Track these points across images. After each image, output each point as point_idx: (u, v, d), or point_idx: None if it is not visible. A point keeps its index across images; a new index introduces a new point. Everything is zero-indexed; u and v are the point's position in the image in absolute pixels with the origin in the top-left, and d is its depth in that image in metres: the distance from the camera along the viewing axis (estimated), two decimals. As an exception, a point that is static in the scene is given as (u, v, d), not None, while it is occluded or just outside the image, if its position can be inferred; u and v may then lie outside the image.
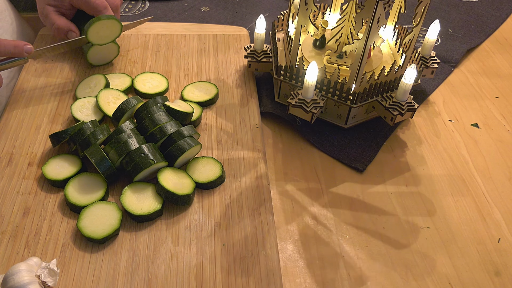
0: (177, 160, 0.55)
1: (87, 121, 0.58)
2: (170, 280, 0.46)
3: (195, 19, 0.88)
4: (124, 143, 0.54)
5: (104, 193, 0.52)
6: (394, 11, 0.69)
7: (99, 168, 0.53)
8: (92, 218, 0.49)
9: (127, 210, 0.50)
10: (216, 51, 0.76)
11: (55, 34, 0.69)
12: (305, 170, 0.62)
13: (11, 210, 0.51)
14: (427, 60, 0.70)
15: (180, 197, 0.51)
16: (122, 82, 0.68)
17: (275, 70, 0.66)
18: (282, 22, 0.75)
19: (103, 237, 0.48)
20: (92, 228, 0.49)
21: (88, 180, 0.54)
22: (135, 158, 0.53)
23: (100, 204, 0.51)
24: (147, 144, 0.54)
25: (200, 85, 0.69)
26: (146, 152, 0.53)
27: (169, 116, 0.58)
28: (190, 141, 0.55)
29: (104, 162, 0.53)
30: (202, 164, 0.57)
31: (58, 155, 0.56)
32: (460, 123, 0.70)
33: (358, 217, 0.56)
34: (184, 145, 0.55)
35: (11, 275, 0.41)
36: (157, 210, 0.51)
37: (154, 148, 0.54)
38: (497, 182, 0.62)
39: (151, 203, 0.51)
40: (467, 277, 0.51)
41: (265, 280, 0.47)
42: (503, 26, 0.92)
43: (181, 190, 0.52)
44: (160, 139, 0.56)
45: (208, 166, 0.56)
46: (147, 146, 0.54)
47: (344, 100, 0.62)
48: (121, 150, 0.53)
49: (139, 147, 0.53)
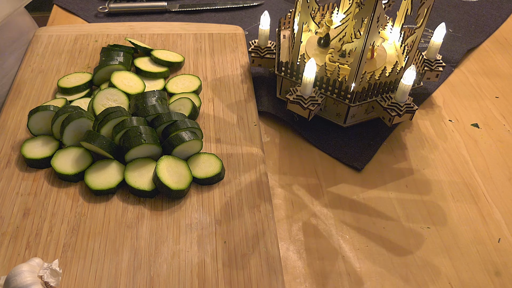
0: (174, 149, 0.55)
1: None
2: (173, 278, 0.46)
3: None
4: (123, 122, 0.55)
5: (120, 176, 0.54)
6: (401, 12, 0.69)
7: (104, 149, 0.54)
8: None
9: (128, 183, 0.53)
10: (212, 50, 0.76)
11: None
12: (304, 169, 0.62)
13: (11, 211, 0.51)
14: (431, 63, 0.70)
15: (173, 192, 0.52)
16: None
17: (277, 66, 0.67)
18: (289, 20, 0.75)
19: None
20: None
21: (101, 166, 0.55)
22: (130, 136, 0.54)
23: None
24: (145, 126, 0.56)
25: (183, 78, 0.70)
26: (142, 131, 0.54)
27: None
28: (191, 134, 0.56)
29: (106, 143, 0.54)
30: (203, 160, 0.57)
31: (34, 138, 0.58)
32: (460, 123, 0.71)
33: (358, 217, 0.56)
34: (184, 136, 0.55)
35: (13, 276, 0.41)
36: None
37: (151, 131, 0.56)
38: (497, 182, 0.62)
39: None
40: (467, 277, 0.51)
41: (266, 276, 0.47)
42: (503, 26, 0.93)
43: (177, 183, 0.52)
44: (161, 124, 0.57)
45: (208, 163, 0.57)
46: (144, 128, 0.55)
47: (343, 98, 0.62)
48: (119, 127, 0.55)
49: (137, 126, 0.55)
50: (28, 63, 0.71)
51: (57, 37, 0.76)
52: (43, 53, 0.74)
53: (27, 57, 0.73)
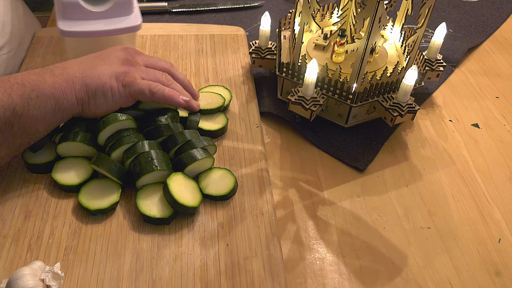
0: (186, 168, 0.53)
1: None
2: (175, 281, 0.46)
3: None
4: (134, 146, 0.53)
5: (118, 196, 0.52)
6: (401, 12, 0.69)
7: (112, 174, 0.52)
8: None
9: (141, 211, 0.50)
10: (214, 52, 0.76)
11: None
12: (305, 170, 0.62)
13: (12, 214, 0.51)
14: (432, 62, 0.70)
15: (188, 209, 0.51)
16: None
17: (278, 67, 0.67)
18: (289, 20, 0.75)
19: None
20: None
21: (100, 185, 0.53)
22: (142, 162, 0.52)
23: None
24: (157, 150, 0.53)
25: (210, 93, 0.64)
26: (154, 157, 0.52)
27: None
28: (203, 151, 0.54)
29: (115, 168, 0.52)
30: (216, 176, 0.55)
31: (63, 160, 0.55)
32: (460, 123, 0.71)
33: (358, 217, 0.56)
34: (196, 155, 0.53)
35: (15, 279, 0.41)
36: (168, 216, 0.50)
37: (163, 155, 0.53)
38: (498, 182, 0.62)
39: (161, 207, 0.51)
40: (467, 277, 0.51)
41: (269, 279, 0.47)
42: (503, 26, 0.93)
43: (187, 200, 0.51)
44: (175, 145, 0.55)
45: (222, 179, 0.55)
46: (156, 152, 0.53)
47: (344, 99, 0.62)
48: (129, 152, 0.53)
49: (149, 151, 0.52)
50: (29, 64, 0.71)
51: (58, 38, 0.76)
52: (44, 54, 0.73)
53: (28, 58, 0.73)
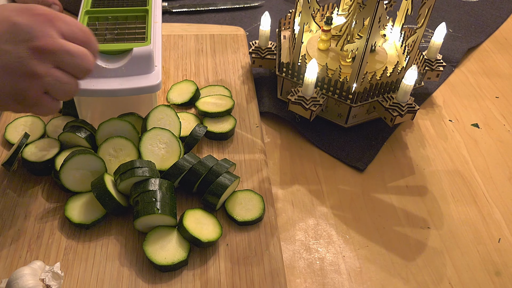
0: (220, 198, 0.50)
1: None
2: (175, 281, 0.46)
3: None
4: (145, 182, 0.48)
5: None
6: (401, 12, 0.69)
7: (104, 207, 0.49)
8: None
9: (150, 258, 0.46)
10: (213, 51, 0.76)
11: None
12: (305, 170, 0.62)
13: (12, 214, 0.51)
14: (432, 62, 0.70)
15: (205, 243, 0.48)
16: None
17: (278, 67, 0.67)
18: (289, 20, 0.75)
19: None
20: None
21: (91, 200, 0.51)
22: (145, 200, 0.47)
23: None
24: (167, 192, 0.49)
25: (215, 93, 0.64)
26: (158, 198, 0.47)
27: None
28: (230, 175, 0.52)
29: (110, 202, 0.49)
30: (243, 199, 0.53)
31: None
32: (460, 123, 0.71)
33: (358, 217, 0.56)
34: (226, 182, 0.51)
35: (15, 279, 0.41)
36: (182, 260, 0.47)
37: (171, 199, 0.49)
38: (497, 182, 0.62)
39: (175, 252, 0.47)
40: (467, 277, 0.51)
41: (269, 279, 0.47)
42: (503, 26, 0.93)
43: (206, 235, 0.48)
44: (199, 177, 0.52)
45: (249, 201, 0.53)
46: (162, 193, 0.48)
47: (344, 99, 0.62)
48: (137, 187, 0.49)
49: (154, 190, 0.48)
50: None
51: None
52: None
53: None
